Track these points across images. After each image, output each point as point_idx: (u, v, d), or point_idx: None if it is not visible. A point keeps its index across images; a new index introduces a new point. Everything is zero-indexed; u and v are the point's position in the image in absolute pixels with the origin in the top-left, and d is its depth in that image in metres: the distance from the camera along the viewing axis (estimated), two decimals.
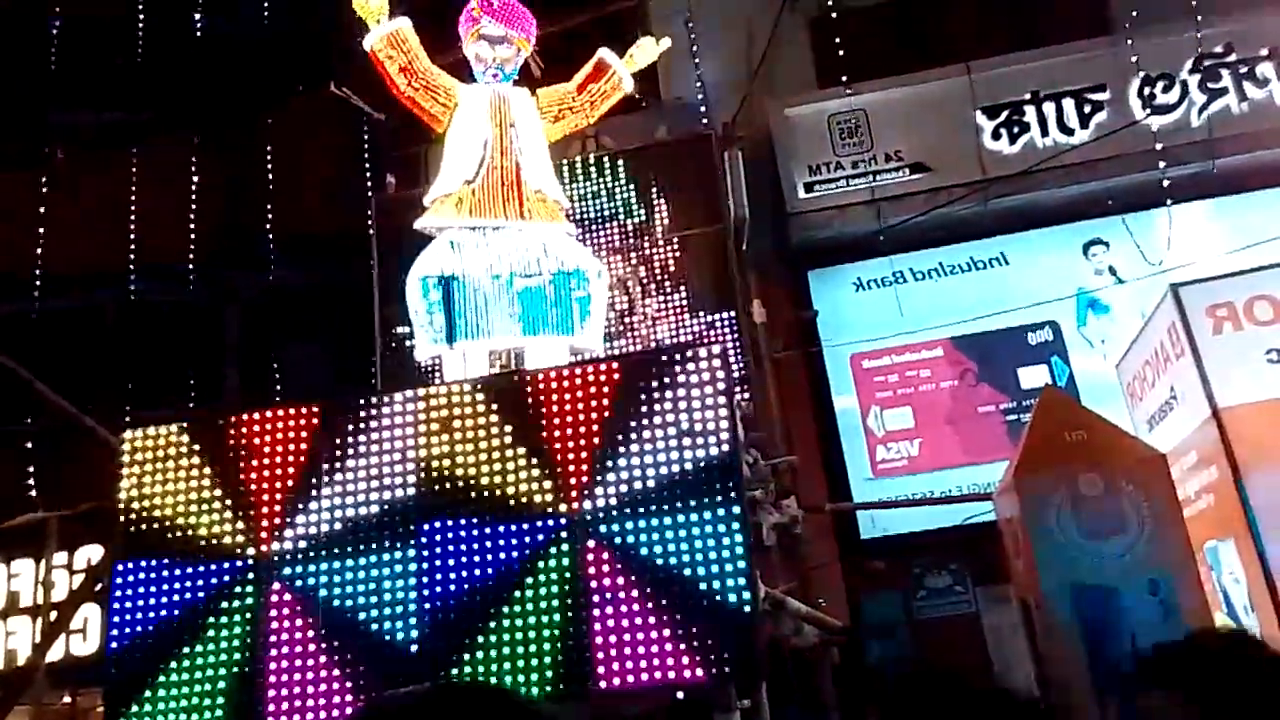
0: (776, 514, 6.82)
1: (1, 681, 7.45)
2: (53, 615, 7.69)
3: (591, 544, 4.27)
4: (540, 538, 4.36)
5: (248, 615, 4.58)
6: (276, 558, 4.65)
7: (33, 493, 8.80)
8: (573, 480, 4.43)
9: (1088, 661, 4.73)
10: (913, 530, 8.42)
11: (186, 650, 4.59)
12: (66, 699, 8.44)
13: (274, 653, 4.51)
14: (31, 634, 8.12)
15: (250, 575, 4.65)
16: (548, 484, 4.44)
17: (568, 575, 4.24)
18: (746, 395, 7.40)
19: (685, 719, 4.92)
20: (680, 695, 4.24)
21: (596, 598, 4.16)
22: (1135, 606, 4.76)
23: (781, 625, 5.72)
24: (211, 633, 4.61)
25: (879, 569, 8.45)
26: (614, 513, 4.31)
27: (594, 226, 8.14)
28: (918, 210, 8.85)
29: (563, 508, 4.39)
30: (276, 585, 4.60)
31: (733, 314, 7.81)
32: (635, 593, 4.14)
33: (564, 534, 4.34)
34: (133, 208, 11.28)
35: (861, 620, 8.08)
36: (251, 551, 4.69)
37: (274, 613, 4.57)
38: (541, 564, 4.30)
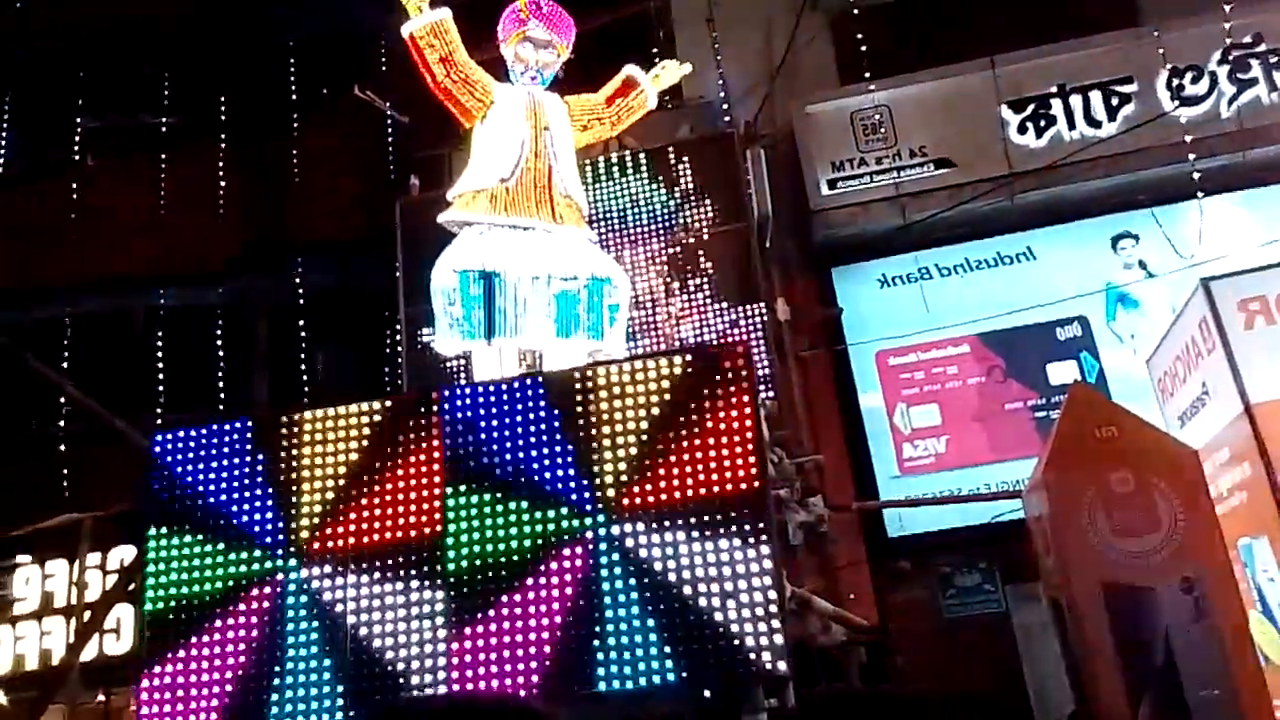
0: (803, 513, 6.81)
1: (36, 681, 7.54)
2: (86, 615, 7.79)
3: (617, 555, 4.26)
4: (565, 536, 4.36)
5: (270, 611, 4.62)
6: (304, 559, 4.69)
7: (66, 495, 8.91)
8: (609, 486, 4.41)
9: (1120, 661, 4.68)
10: (941, 529, 8.36)
11: (207, 635, 4.64)
12: (100, 698, 8.54)
13: (290, 652, 4.54)
14: (65, 634, 8.22)
15: (276, 573, 4.69)
16: (584, 483, 4.44)
17: (591, 576, 4.24)
18: (771, 394, 7.38)
19: (713, 718, 4.91)
20: (707, 694, 4.23)
21: (618, 597, 4.15)
22: (1168, 605, 4.71)
23: (808, 624, 5.70)
24: (232, 622, 4.65)
25: (906, 568, 8.40)
26: (640, 517, 4.30)
27: (617, 226, 8.14)
28: (942, 206, 8.79)
29: (589, 507, 4.40)
30: (301, 587, 4.63)
31: (757, 312, 7.79)
32: (653, 597, 4.13)
33: (589, 534, 4.35)
34: (161, 213, 11.40)
35: (888, 620, 8.03)
36: (280, 551, 4.73)
37: (297, 612, 4.61)
38: (563, 562, 4.30)
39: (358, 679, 4.38)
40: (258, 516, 4.79)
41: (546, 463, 4.56)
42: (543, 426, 4.61)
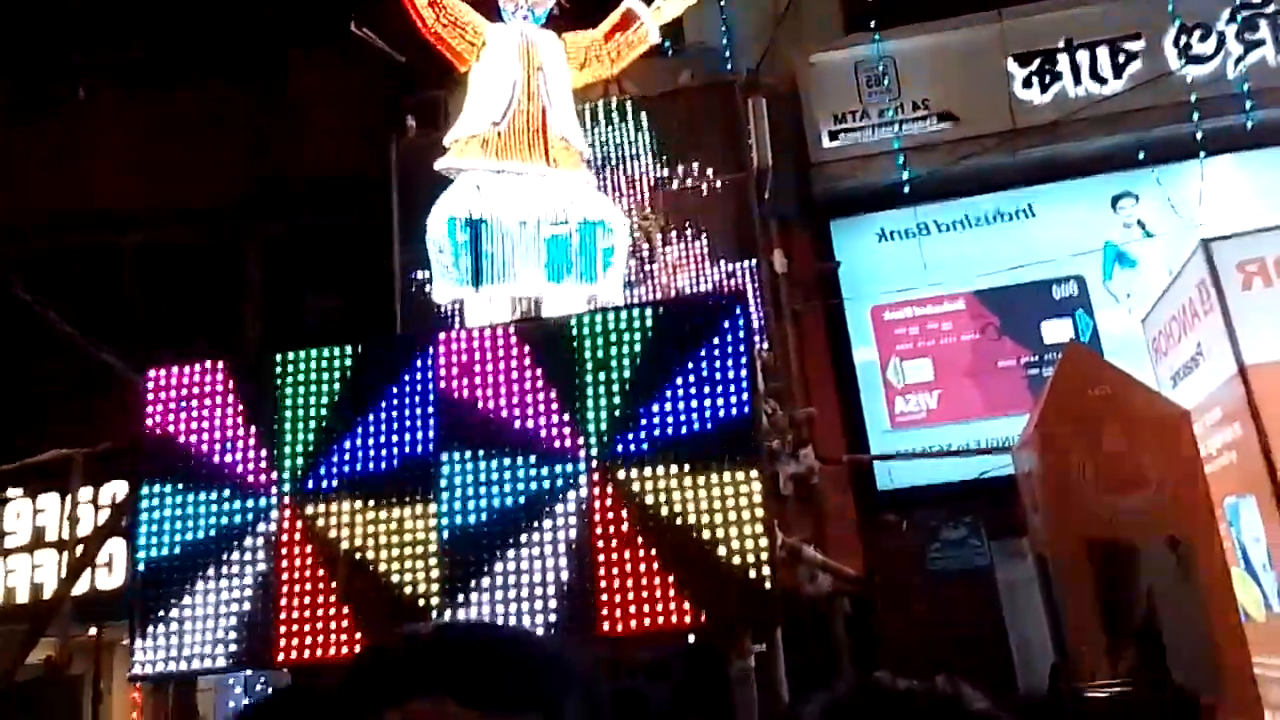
0: (794, 464, 6.83)
1: (28, 614, 7.59)
2: (79, 550, 7.82)
3: (609, 489, 4.28)
4: (559, 482, 4.37)
5: (267, 547, 4.64)
6: (298, 494, 4.70)
7: (56, 432, 8.89)
8: (593, 426, 4.43)
9: (1102, 616, 4.74)
10: (930, 483, 8.41)
11: (207, 576, 4.67)
12: (92, 631, 8.61)
13: (290, 588, 4.57)
14: (58, 568, 8.27)
15: (272, 510, 4.70)
16: (569, 429, 4.45)
17: (583, 519, 4.26)
18: (766, 346, 7.37)
19: (699, 664, 4.98)
20: (691, 639, 4.27)
21: (611, 543, 4.17)
22: (1152, 562, 4.77)
23: (797, 573, 5.75)
24: (232, 560, 4.67)
25: (894, 521, 8.46)
26: (633, 461, 4.31)
27: (614, 172, 8.06)
28: (944, 160, 8.72)
29: (583, 453, 4.40)
30: (297, 521, 4.65)
31: (753, 263, 7.75)
32: (649, 541, 4.16)
33: (582, 478, 4.36)
34: (153, 149, 11.25)
35: (875, 572, 8.10)
36: (274, 488, 4.74)
37: (293, 548, 4.63)
38: (558, 507, 4.32)
39: (362, 610, 4.42)
40: (247, 455, 4.79)
41: (537, 409, 4.55)
42: (529, 373, 4.60)
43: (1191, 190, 8.50)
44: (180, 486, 4.79)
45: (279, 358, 4.87)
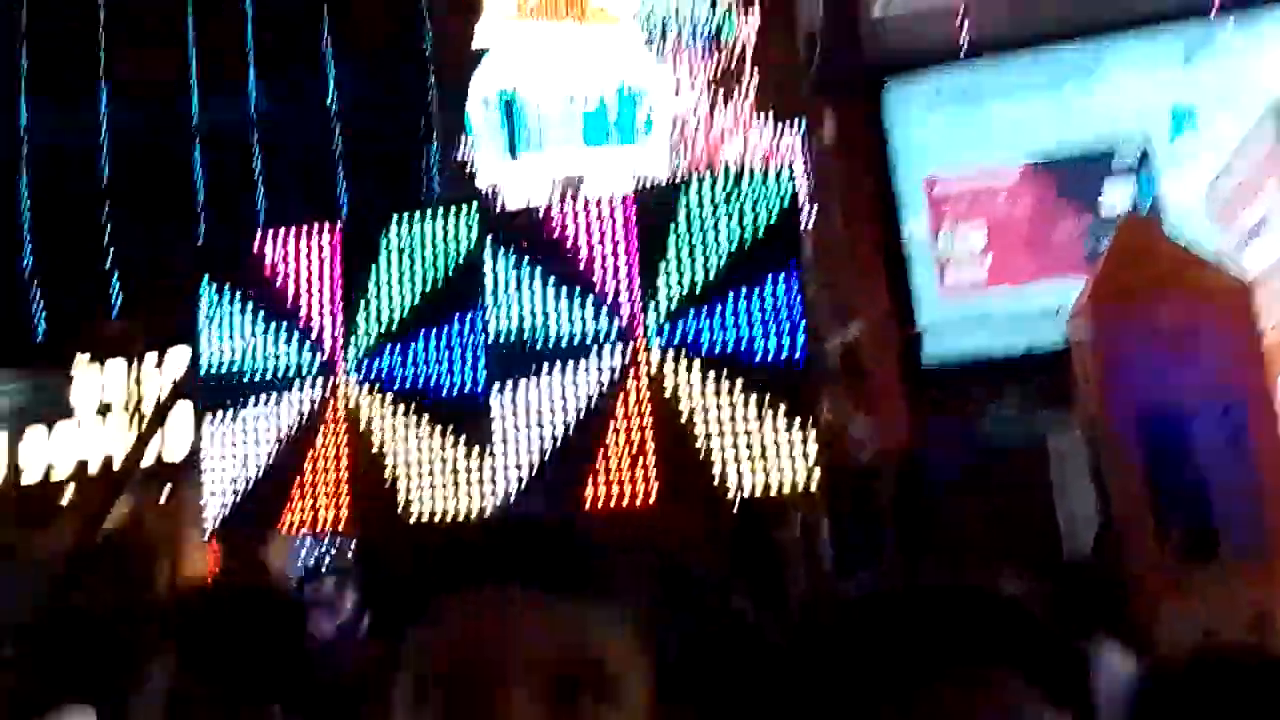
0: (840, 337, 6.81)
1: (102, 479, 7.94)
2: (147, 414, 8.08)
3: (667, 362, 4.30)
4: (616, 352, 4.40)
5: (326, 412, 4.78)
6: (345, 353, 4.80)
7: (118, 305, 9.11)
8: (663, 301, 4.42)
9: (1150, 485, 4.73)
10: (978, 355, 8.32)
11: (270, 432, 4.85)
12: (166, 493, 8.97)
13: (352, 457, 4.71)
14: (127, 433, 8.56)
15: (322, 371, 4.83)
16: (604, 309, 4.45)
17: (640, 389, 4.30)
18: (814, 216, 7.25)
19: (746, 533, 5.07)
20: (739, 503, 4.35)
21: (666, 412, 4.21)
22: (1205, 435, 4.71)
23: (843, 447, 5.79)
24: (292, 424, 4.83)
25: (941, 396, 8.43)
26: (691, 339, 4.33)
27: (663, 36, 7.81)
28: (1004, 14, 8.29)
29: (646, 322, 4.42)
30: (348, 376, 4.77)
31: (802, 132, 7.55)
32: (703, 414, 4.19)
33: (642, 350, 4.38)
34: (192, 25, 11.11)
35: (923, 445, 8.12)
36: (320, 352, 4.85)
37: (357, 418, 4.76)
38: (620, 378, 4.35)
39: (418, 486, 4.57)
40: (324, 314, 4.89)
41: (591, 280, 4.55)
42: (582, 247, 4.58)
43: (1267, 49, 8.04)
44: (248, 303, 4.90)
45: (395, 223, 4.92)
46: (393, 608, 0.82)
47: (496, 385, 4.54)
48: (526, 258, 4.49)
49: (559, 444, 4.42)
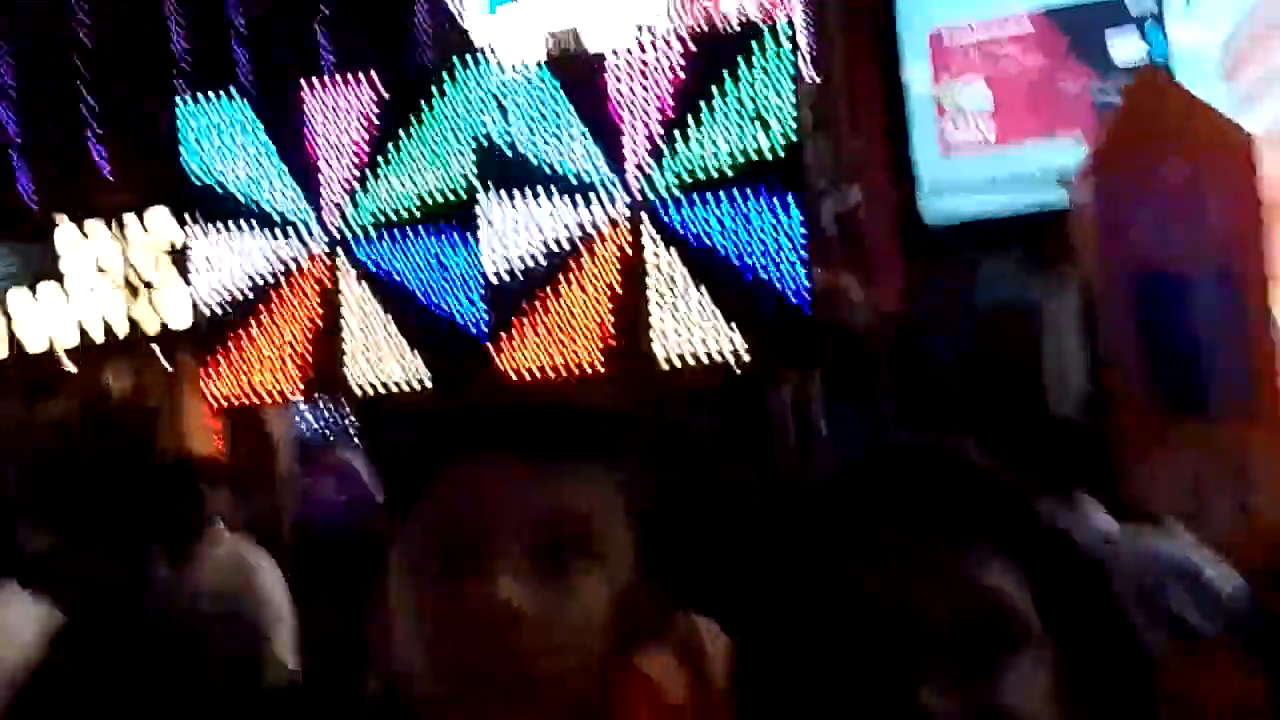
0: (838, 200, 6.72)
1: (101, 348, 7.97)
2: (136, 279, 8.05)
3: (648, 224, 4.26)
4: (598, 218, 4.35)
5: (317, 284, 4.76)
6: (342, 230, 4.75)
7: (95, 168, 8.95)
8: (633, 159, 4.34)
9: (1142, 346, 4.77)
10: (978, 216, 8.24)
11: (266, 301, 4.85)
12: (166, 365, 9.04)
13: (347, 321, 4.72)
14: (119, 300, 8.54)
15: (317, 247, 4.78)
16: (608, 163, 4.37)
17: (623, 253, 4.27)
18: (814, 71, 7.05)
19: (739, 394, 5.13)
20: (734, 370, 4.38)
21: (651, 274, 4.20)
22: (1200, 295, 4.72)
23: (839, 308, 5.79)
24: (287, 298, 4.82)
25: (940, 255, 8.38)
26: (675, 194, 4.26)
27: None
28: None
29: (623, 186, 4.35)
30: (343, 256, 4.73)
31: None
32: (691, 272, 4.17)
33: (621, 213, 4.33)
34: None
35: (920, 308, 8.13)
36: (318, 223, 4.79)
37: (342, 283, 4.74)
38: (597, 244, 4.32)
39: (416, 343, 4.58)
40: (284, 192, 4.81)
41: (574, 146, 4.46)
42: (566, 110, 4.47)
43: None
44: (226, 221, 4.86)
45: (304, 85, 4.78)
46: (397, 478, 0.83)
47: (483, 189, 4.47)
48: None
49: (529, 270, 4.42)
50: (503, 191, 4.51)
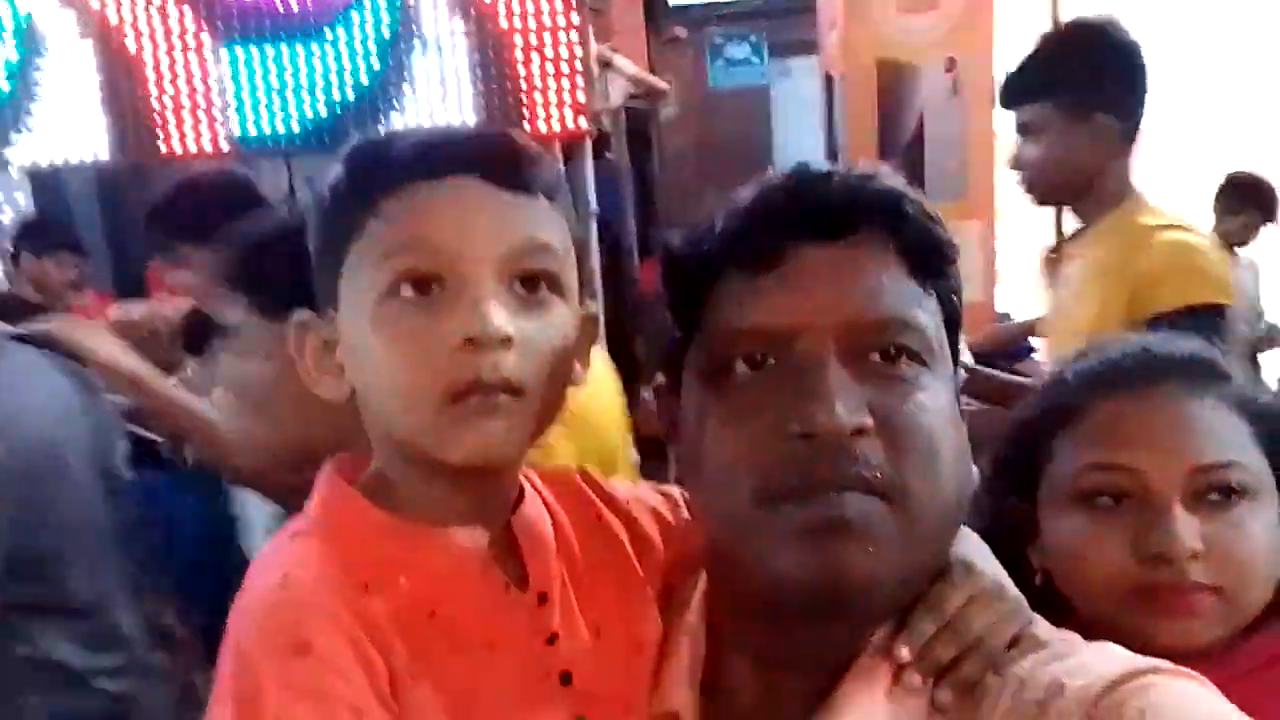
0: None
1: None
2: None
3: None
4: None
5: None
6: None
7: None
8: None
9: (879, 134, 5.15)
10: None
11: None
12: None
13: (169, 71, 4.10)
14: None
15: None
16: None
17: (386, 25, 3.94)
18: None
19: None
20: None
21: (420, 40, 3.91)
22: (929, 83, 5.12)
23: (612, 87, 5.70)
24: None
25: (680, 36, 8.42)
26: None
27: None
28: None
29: None
30: None
31: None
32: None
33: None
34: None
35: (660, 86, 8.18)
36: None
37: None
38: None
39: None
40: None
41: None
42: None
43: None
44: None
45: None
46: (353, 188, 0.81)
47: None
48: None
49: None
50: None
